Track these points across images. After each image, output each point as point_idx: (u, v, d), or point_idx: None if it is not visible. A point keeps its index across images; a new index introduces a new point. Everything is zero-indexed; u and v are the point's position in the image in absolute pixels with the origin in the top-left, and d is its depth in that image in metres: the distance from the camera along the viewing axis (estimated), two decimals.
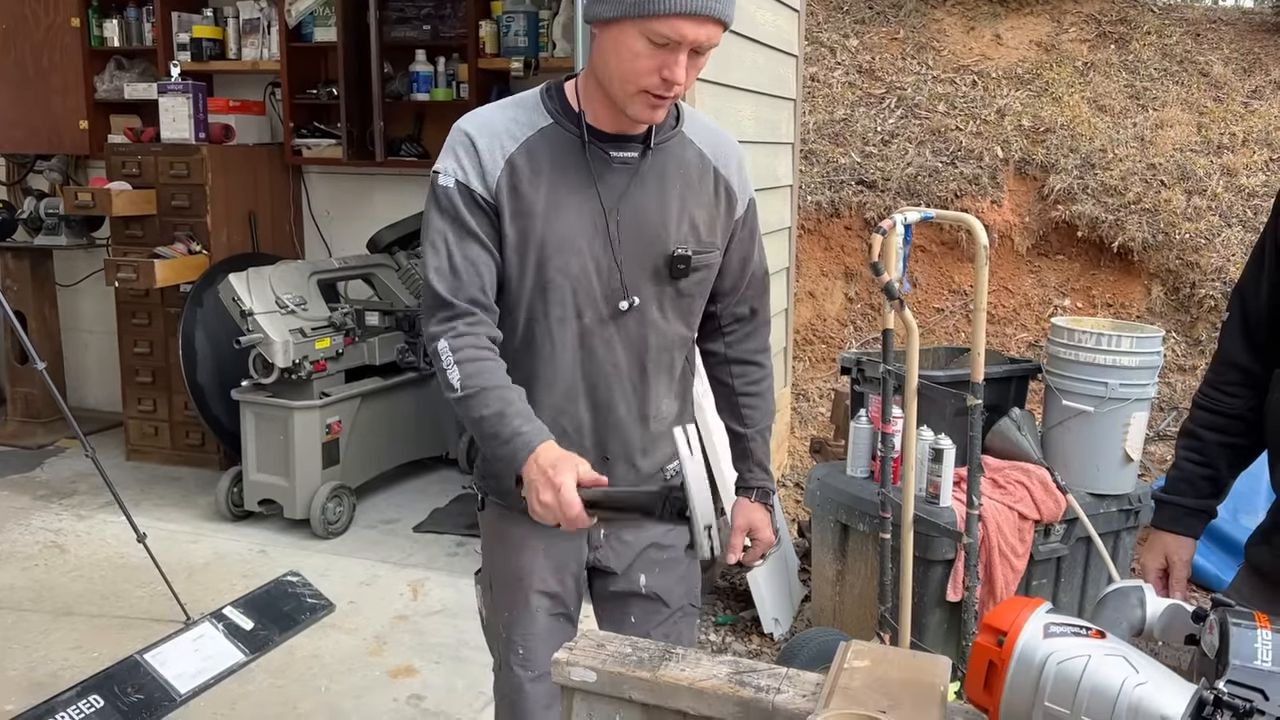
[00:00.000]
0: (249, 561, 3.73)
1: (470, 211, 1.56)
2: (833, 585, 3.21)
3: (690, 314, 1.72)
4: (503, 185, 1.56)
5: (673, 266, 1.62)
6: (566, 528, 1.47)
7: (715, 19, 1.46)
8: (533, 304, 1.62)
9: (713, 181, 1.67)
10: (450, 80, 4.66)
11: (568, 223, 1.58)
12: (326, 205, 5.05)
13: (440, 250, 1.57)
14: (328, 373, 3.98)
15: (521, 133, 1.59)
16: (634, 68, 1.47)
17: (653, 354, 1.68)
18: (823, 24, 7.62)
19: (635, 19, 1.44)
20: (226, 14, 4.90)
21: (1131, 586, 1.20)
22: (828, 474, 3.24)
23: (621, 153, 1.60)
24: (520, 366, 1.64)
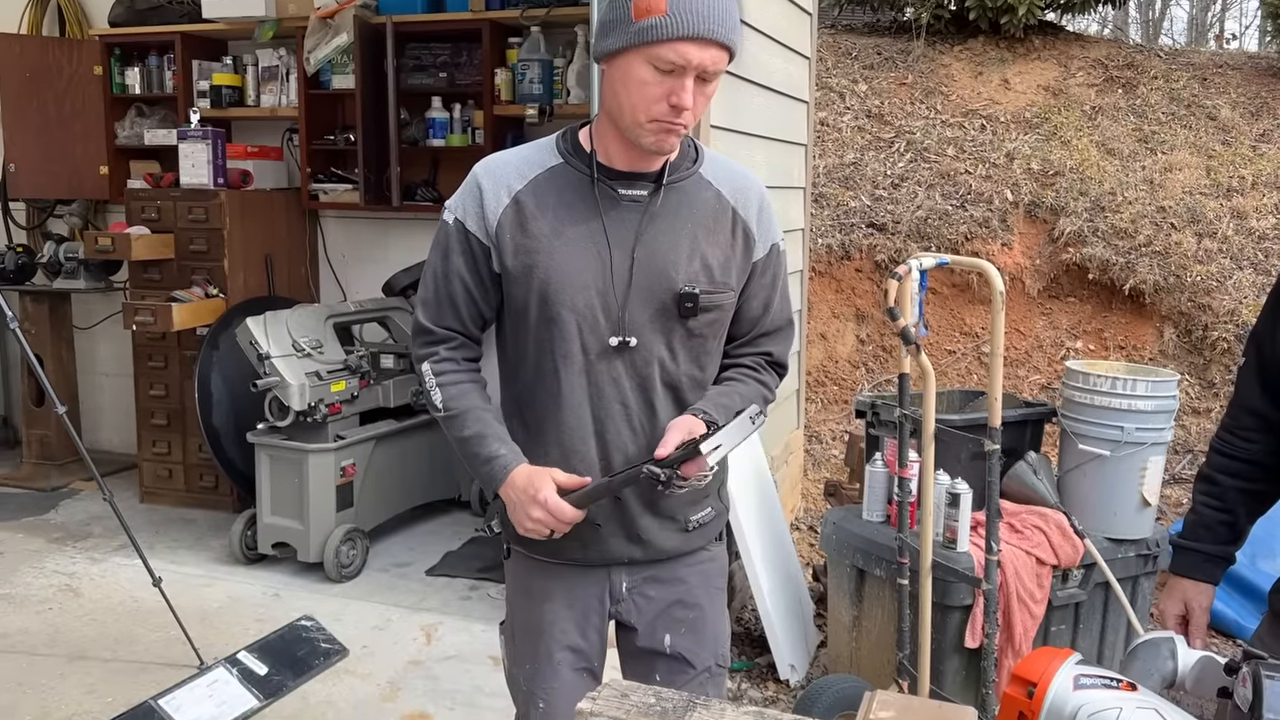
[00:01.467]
0: (263, 605, 3.72)
1: (461, 250, 1.64)
2: (849, 631, 3.18)
3: (703, 355, 1.69)
4: (505, 223, 1.61)
5: (680, 305, 1.62)
6: (561, 531, 1.58)
7: (719, 43, 1.48)
8: (539, 338, 1.64)
9: (730, 222, 1.67)
10: (466, 126, 4.72)
11: (572, 258, 1.60)
12: (342, 249, 5.10)
13: (429, 283, 1.68)
14: (342, 415, 4.00)
15: (530, 171, 1.64)
16: (643, 96, 1.50)
17: (659, 393, 1.66)
18: (832, 70, 7.71)
19: (640, 47, 1.48)
20: (246, 62, 4.98)
21: (1163, 638, 1.20)
22: (843, 518, 3.22)
23: (631, 190, 1.61)
24: (533, 404, 1.67)
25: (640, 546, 1.71)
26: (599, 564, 1.72)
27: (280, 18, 4.70)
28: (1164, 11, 19.83)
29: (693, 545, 1.76)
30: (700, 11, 1.45)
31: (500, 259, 1.63)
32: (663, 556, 1.74)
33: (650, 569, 1.75)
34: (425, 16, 4.55)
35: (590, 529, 1.68)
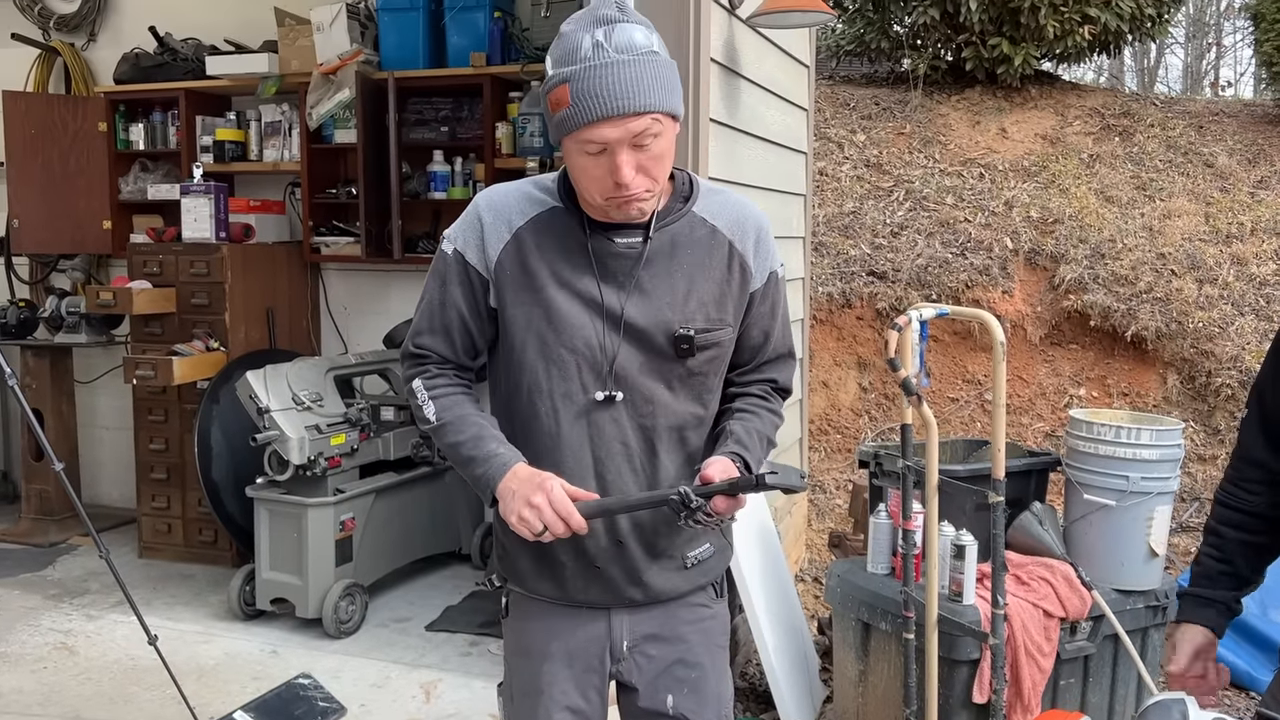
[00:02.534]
0: (260, 662, 3.67)
1: (459, 281, 1.65)
2: (855, 686, 3.13)
3: (704, 392, 1.69)
4: (505, 259, 1.62)
5: (677, 347, 1.62)
6: (555, 532, 1.50)
7: (634, 113, 1.47)
8: (536, 379, 1.63)
9: (725, 256, 1.67)
10: (467, 179, 4.75)
11: (570, 303, 1.61)
12: (344, 301, 5.11)
13: (424, 311, 1.69)
14: (342, 469, 3.97)
15: (532, 209, 1.64)
16: (589, 179, 1.54)
17: (662, 433, 1.66)
18: (830, 120, 7.77)
19: (569, 136, 1.51)
20: (249, 117, 5.03)
21: (1174, 700, 1.17)
22: (848, 570, 3.18)
23: (624, 238, 1.63)
24: (529, 444, 1.65)
25: (640, 588, 1.69)
26: (600, 605, 1.70)
27: (283, 74, 4.76)
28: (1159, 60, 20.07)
29: (693, 584, 1.74)
30: (601, 93, 1.45)
31: (499, 295, 1.63)
32: (663, 598, 1.72)
33: (651, 621, 1.72)
34: (427, 72, 4.61)
35: (589, 570, 1.66)
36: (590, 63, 1.46)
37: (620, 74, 1.46)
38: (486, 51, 4.53)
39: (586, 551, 1.67)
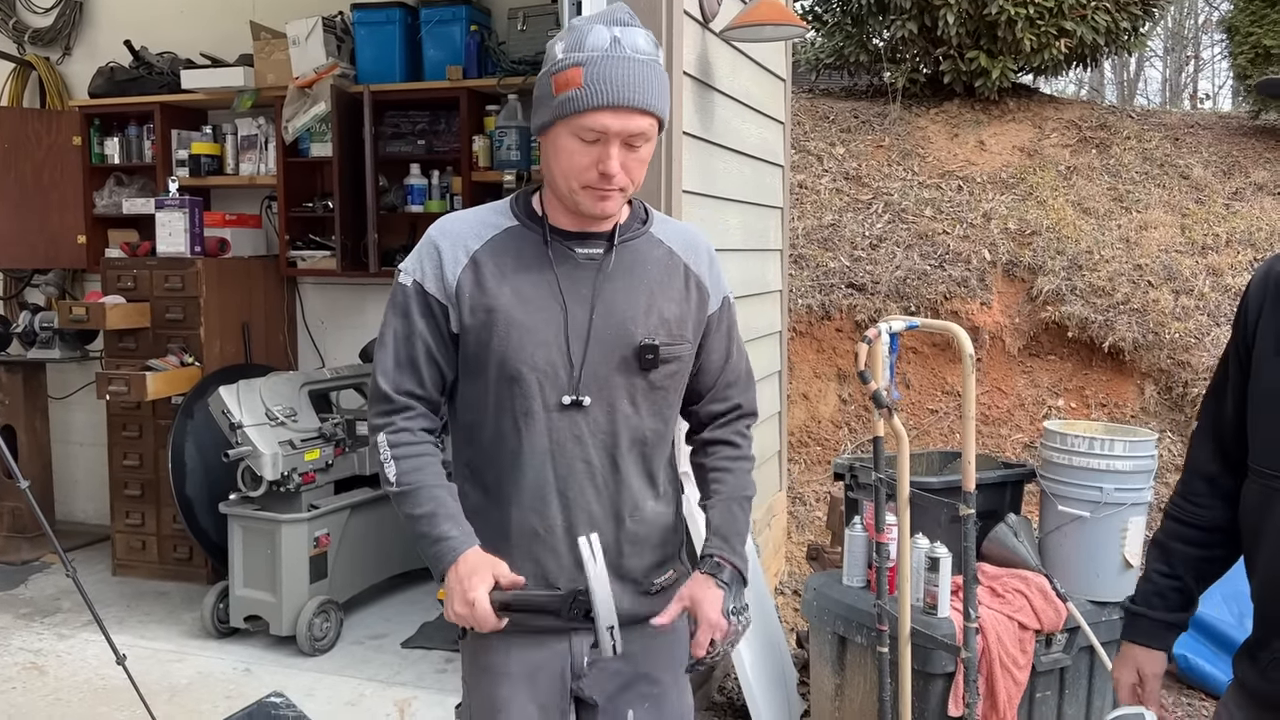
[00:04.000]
0: (233, 681, 3.63)
1: (421, 312, 1.64)
2: (831, 700, 3.12)
3: (665, 408, 1.71)
4: (464, 282, 1.62)
5: (641, 358, 1.64)
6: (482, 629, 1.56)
7: (638, 110, 1.53)
8: (499, 398, 1.63)
9: (683, 277, 1.71)
10: (444, 192, 4.74)
11: (531, 315, 1.61)
12: (321, 315, 5.08)
13: (387, 346, 1.66)
14: (317, 484, 3.94)
15: (487, 232, 1.66)
16: (572, 165, 1.55)
17: (624, 449, 1.67)
18: (809, 133, 7.80)
19: (564, 119, 1.53)
20: (225, 131, 5.01)
21: (1133, 714, 1.16)
22: (824, 583, 3.18)
23: (585, 249, 1.65)
24: (492, 464, 1.66)
25: None
26: (561, 630, 1.68)
27: (259, 87, 4.74)
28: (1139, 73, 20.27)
29: (655, 608, 1.71)
30: (614, 82, 1.50)
31: (459, 318, 1.63)
32: (625, 621, 1.67)
33: None
34: (403, 85, 4.60)
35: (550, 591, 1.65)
36: (609, 53, 1.51)
37: (634, 70, 1.52)
38: (463, 65, 4.53)
39: (549, 575, 1.66)
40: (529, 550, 1.66)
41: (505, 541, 1.66)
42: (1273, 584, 1.46)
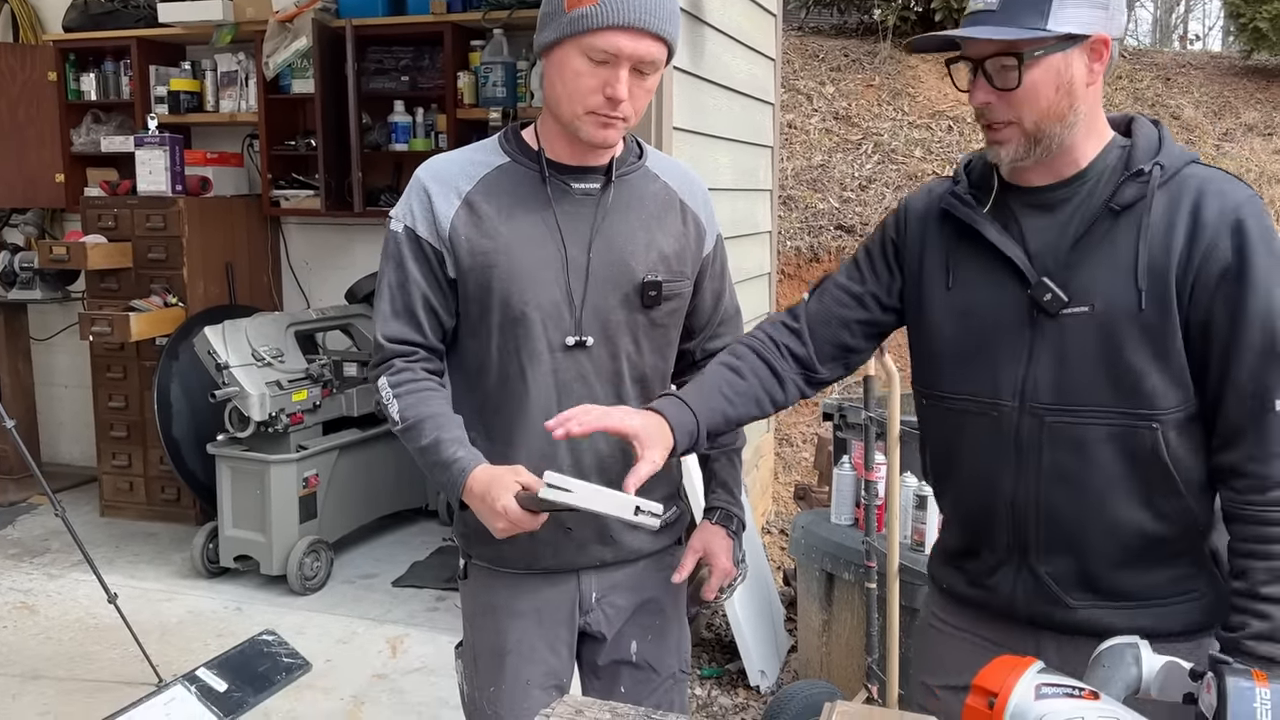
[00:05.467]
0: (224, 620, 3.65)
1: (415, 258, 1.60)
2: (819, 635, 3.16)
3: (665, 345, 1.71)
4: (459, 225, 1.58)
5: (644, 294, 1.62)
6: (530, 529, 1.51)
7: (652, 34, 1.48)
8: (504, 339, 1.61)
9: (679, 213, 1.69)
10: (429, 130, 4.67)
11: (531, 255, 1.58)
12: (305, 256, 5.03)
13: (384, 294, 1.63)
14: (305, 425, 3.93)
15: (478, 172, 1.61)
16: (578, 87, 1.50)
17: (628, 387, 1.66)
18: (799, 72, 7.71)
19: (573, 38, 1.48)
20: (204, 67, 4.90)
21: (1126, 644, 1.17)
22: (812, 521, 3.20)
23: (583, 184, 1.61)
24: (498, 409, 1.63)
25: (611, 548, 1.69)
26: (569, 569, 1.69)
27: (238, 21, 4.63)
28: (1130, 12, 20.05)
29: (661, 544, 1.75)
30: (631, 2, 1.46)
31: (456, 263, 1.59)
32: (633, 557, 1.72)
33: (618, 574, 1.72)
34: (386, 20, 4.50)
35: (561, 533, 1.65)
36: None
37: None
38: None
39: (558, 515, 1.63)
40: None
41: None
42: (977, 501, 1.49)
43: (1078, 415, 1.40)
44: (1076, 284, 1.39)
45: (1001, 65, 1.36)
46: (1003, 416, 1.44)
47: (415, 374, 1.62)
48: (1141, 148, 1.42)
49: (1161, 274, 1.35)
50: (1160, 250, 1.36)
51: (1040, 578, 1.46)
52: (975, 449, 1.49)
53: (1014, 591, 1.48)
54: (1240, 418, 1.34)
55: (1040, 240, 1.43)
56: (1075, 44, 1.36)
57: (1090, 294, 1.38)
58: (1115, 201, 1.39)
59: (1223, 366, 1.35)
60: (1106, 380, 1.37)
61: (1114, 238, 1.38)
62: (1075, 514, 1.42)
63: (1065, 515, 1.42)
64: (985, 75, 1.39)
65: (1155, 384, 1.37)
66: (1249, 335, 1.33)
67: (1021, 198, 1.46)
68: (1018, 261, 1.43)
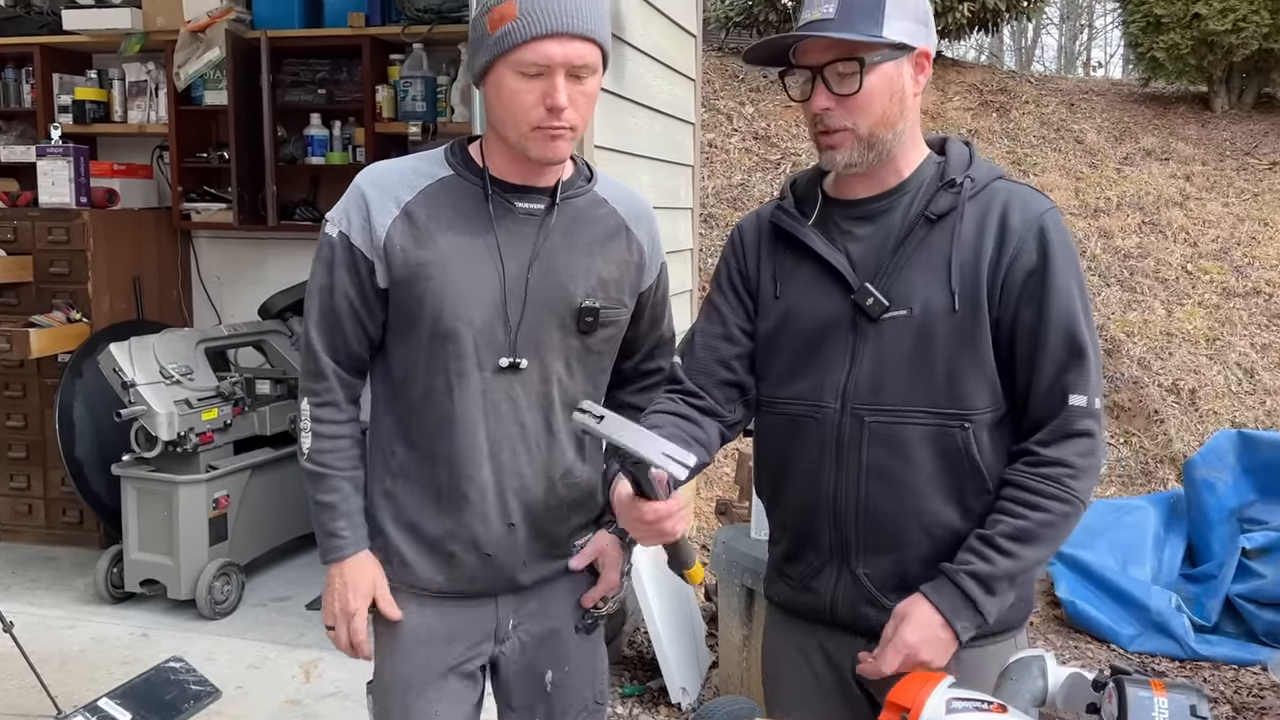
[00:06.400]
0: (129, 647, 3.52)
1: (346, 266, 1.58)
2: (739, 651, 3.18)
3: (599, 373, 1.68)
4: (394, 235, 1.55)
5: (580, 320, 1.60)
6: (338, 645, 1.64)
7: (579, 36, 1.47)
8: (432, 354, 1.57)
9: (625, 240, 1.67)
10: (346, 144, 4.60)
11: (468, 271, 1.55)
12: (217, 271, 4.90)
13: (314, 299, 1.62)
14: (215, 444, 3.83)
15: (420, 182, 1.59)
16: (518, 105, 1.48)
17: (558, 413, 1.62)
18: (719, 92, 7.80)
19: (503, 56, 1.47)
20: (112, 76, 4.76)
21: (1033, 656, 1.20)
22: (732, 537, 3.22)
23: (527, 203, 1.59)
24: (422, 424, 1.60)
25: (528, 573, 1.66)
26: (487, 594, 1.66)
27: (148, 31, 4.51)
28: (1036, 39, 20.78)
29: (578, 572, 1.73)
30: (551, 8, 1.44)
31: (389, 273, 1.56)
32: (547, 583, 1.69)
33: (535, 601, 1.69)
34: (302, 32, 4.43)
35: (480, 558, 1.62)
36: None
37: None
38: (365, 12, 4.38)
39: (478, 539, 1.62)
40: (457, 515, 1.61)
41: (433, 504, 1.62)
42: (802, 503, 1.55)
43: (895, 415, 1.47)
44: (897, 289, 1.46)
45: (841, 72, 1.43)
46: (825, 418, 1.51)
47: (339, 410, 1.62)
48: (954, 162, 1.51)
49: (973, 277, 1.44)
50: (971, 255, 1.44)
51: (859, 579, 1.52)
52: (802, 452, 1.54)
53: (835, 593, 1.54)
54: (1042, 411, 1.44)
55: (862, 248, 1.50)
56: (905, 54, 1.45)
57: (909, 298, 1.46)
58: (930, 210, 1.47)
59: (1030, 365, 1.44)
60: (923, 381, 1.45)
61: (929, 245, 1.46)
62: (893, 512, 1.48)
63: (883, 513, 1.48)
64: (825, 81, 1.44)
65: (968, 385, 1.45)
66: (1052, 335, 1.42)
67: (845, 209, 1.54)
68: (841, 269, 1.50)
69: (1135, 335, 5.77)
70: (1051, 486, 1.42)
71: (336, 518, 1.60)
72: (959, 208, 1.46)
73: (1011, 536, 1.41)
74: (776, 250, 1.59)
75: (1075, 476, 1.42)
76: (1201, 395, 5.45)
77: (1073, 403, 1.42)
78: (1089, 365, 1.43)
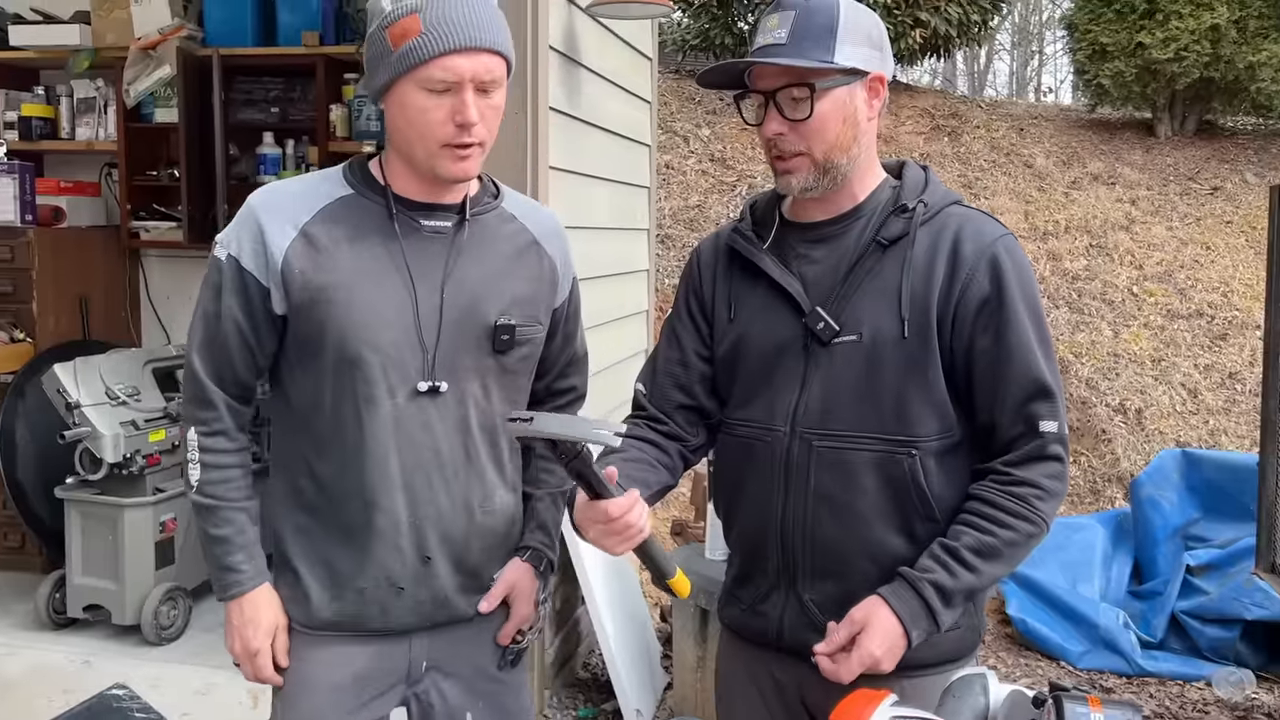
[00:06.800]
0: (71, 675, 3.44)
1: (235, 289, 1.52)
2: (694, 672, 3.17)
3: (516, 393, 1.64)
4: (293, 258, 1.49)
5: (496, 339, 1.56)
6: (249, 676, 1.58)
7: (487, 49, 1.43)
8: (338, 383, 1.51)
9: (536, 256, 1.64)
10: (300, 162, 4.57)
11: (374, 294, 1.50)
12: (166, 290, 4.83)
13: (200, 326, 1.56)
14: (162, 467, 3.76)
15: (318, 202, 1.53)
16: (425, 122, 1.44)
17: (475, 437, 1.58)
18: (676, 114, 7.86)
19: (408, 72, 1.43)
20: (60, 92, 4.69)
21: (975, 674, 1.22)
22: (687, 557, 3.23)
23: (433, 221, 1.55)
24: (330, 457, 1.54)
25: (444, 608, 1.60)
26: (399, 632, 1.59)
27: (98, 47, 4.46)
28: (988, 65, 21.19)
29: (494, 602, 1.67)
30: (456, 21, 1.41)
31: (287, 299, 1.50)
32: (464, 617, 1.63)
33: (451, 638, 1.63)
34: (255, 50, 4.40)
35: (392, 593, 1.56)
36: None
37: (475, 7, 1.43)
38: (320, 30, 4.36)
39: (391, 573, 1.55)
40: (369, 549, 1.54)
41: (344, 541, 1.55)
42: (753, 526, 1.57)
43: (843, 440, 1.47)
44: (848, 314, 1.47)
45: (793, 97, 1.44)
46: (775, 441, 1.51)
47: (228, 440, 1.56)
48: (909, 187, 1.51)
49: (923, 304, 1.44)
50: (922, 282, 1.44)
51: (805, 604, 1.52)
52: (754, 476, 1.55)
53: (782, 617, 1.54)
54: (1011, 434, 1.45)
55: (815, 272, 1.51)
56: (858, 79, 1.45)
57: (859, 323, 1.46)
58: (882, 235, 1.48)
59: (992, 394, 1.45)
60: (870, 407, 1.44)
61: (881, 270, 1.47)
62: (839, 537, 1.48)
63: (830, 538, 1.48)
64: (777, 107, 1.45)
65: (916, 411, 1.45)
66: (1013, 367, 1.43)
67: (800, 233, 1.54)
68: (794, 293, 1.50)
69: (1083, 356, 5.87)
70: (1020, 506, 1.42)
71: (233, 551, 1.55)
72: (911, 233, 1.46)
73: (976, 551, 1.41)
74: (732, 274, 1.59)
75: (1043, 499, 1.43)
76: (1148, 415, 5.56)
77: (1044, 429, 1.43)
78: (1054, 392, 1.44)
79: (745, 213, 1.62)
